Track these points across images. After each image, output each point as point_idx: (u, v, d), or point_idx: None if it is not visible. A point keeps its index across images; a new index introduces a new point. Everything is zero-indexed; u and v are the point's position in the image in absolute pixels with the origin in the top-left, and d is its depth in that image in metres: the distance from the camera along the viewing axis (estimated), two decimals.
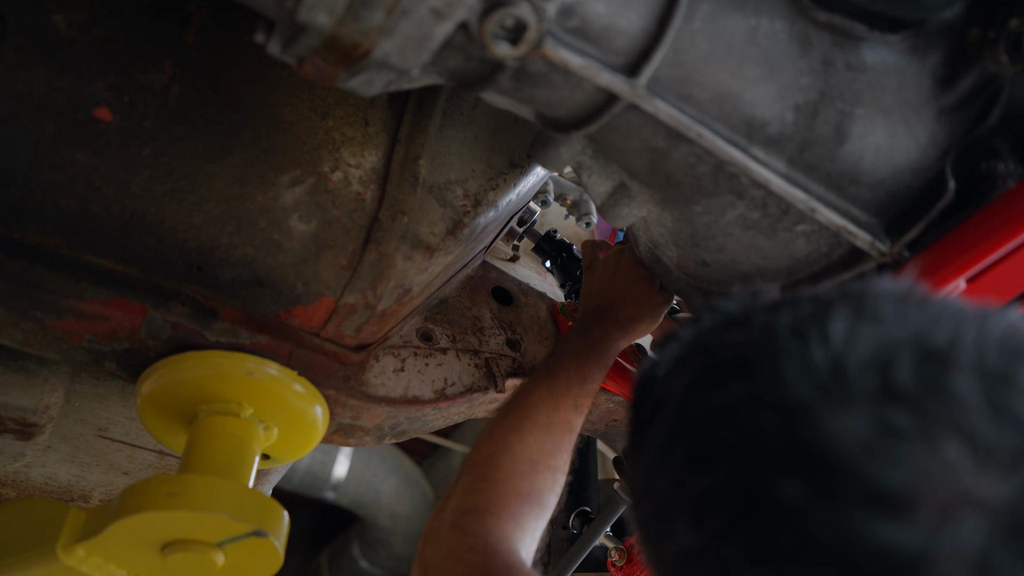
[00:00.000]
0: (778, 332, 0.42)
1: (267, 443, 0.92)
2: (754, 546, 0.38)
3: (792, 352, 0.40)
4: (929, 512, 0.35)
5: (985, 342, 0.38)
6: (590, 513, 1.33)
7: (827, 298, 0.43)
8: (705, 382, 0.44)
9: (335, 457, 3.19)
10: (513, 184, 0.93)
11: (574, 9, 0.55)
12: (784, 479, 0.38)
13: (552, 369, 0.93)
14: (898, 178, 0.67)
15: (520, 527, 0.77)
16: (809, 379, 0.39)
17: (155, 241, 0.79)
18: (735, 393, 0.42)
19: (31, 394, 0.98)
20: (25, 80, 0.69)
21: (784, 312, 0.43)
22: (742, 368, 0.43)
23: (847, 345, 0.39)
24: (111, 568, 0.80)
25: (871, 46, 0.63)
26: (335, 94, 0.80)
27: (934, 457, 0.36)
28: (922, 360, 0.38)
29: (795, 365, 0.40)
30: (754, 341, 0.43)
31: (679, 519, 0.42)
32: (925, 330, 0.39)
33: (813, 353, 0.40)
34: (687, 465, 0.42)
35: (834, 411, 0.38)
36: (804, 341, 0.40)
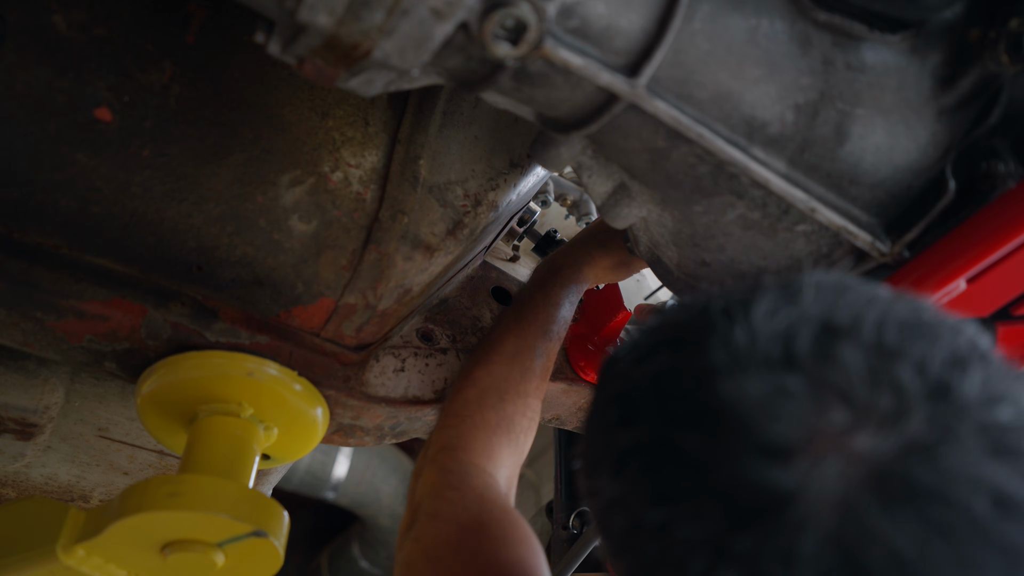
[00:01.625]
0: (710, 312, 0.47)
1: (267, 443, 0.92)
2: (656, 490, 0.44)
3: (718, 329, 0.45)
4: (806, 460, 0.40)
5: (886, 321, 0.43)
6: (590, 513, 1.33)
7: (763, 284, 0.48)
8: (643, 356, 0.49)
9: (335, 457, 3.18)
10: (513, 184, 0.93)
11: (574, 9, 0.55)
12: (688, 433, 0.43)
13: (518, 299, 0.97)
14: (898, 178, 0.67)
15: (492, 457, 0.83)
16: (725, 350, 0.44)
17: (155, 241, 0.79)
18: (663, 363, 0.47)
19: (31, 394, 0.98)
20: (25, 80, 0.69)
21: (721, 296, 0.48)
22: (673, 342, 0.48)
23: (764, 322, 0.44)
24: (111, 568, 0.80)
25: (871, 46, 0.63)
26: (335, 94, 0.80)
27: (819, 416, 0.40)
28: (820, 333, 0.43)
29: (717, 339, 0.45)
30: (688, 320, 0.49)
31: (604, 472, 0.47)
32: (832, 309, 0.44)
33: (735, 330, 0.45)
34: (615, 425, 0.48)
35: (738, 376, 0.43)
36: (730, 319, 0.45)
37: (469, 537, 0.72)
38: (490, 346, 0.93)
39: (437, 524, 0.74)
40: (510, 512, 0.77)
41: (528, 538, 0.75)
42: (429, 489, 0.79)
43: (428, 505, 0.77)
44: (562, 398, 1.14)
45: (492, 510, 0.76)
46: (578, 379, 1.12)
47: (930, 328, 0.43)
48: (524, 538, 0.74)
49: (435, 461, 0.82)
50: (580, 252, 1.02)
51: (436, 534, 0.73)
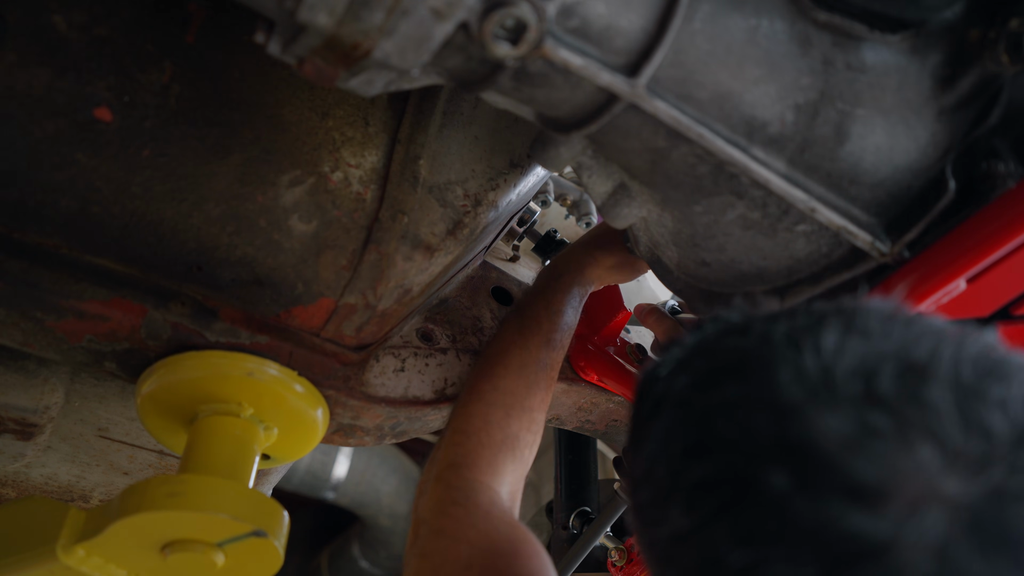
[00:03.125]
0: (774, 340, 0.46)
1: (267, 443, 0.92)
2: (739, 529, 0.42)
3: (786, 359, 0.45)
4: (899, 505, 0.39)
5: (961, 359, 0.43)
6: (590, 513, 1.33)
7: (821, 312, 0.47)
8: (705, 383, 0.48)
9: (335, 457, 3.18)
10: (513, 184, 0.93)
11: (574, 9, 0.55)
12: (771, 470, 0.42)
13: (520, 309, 0.97)
14: (898, 178, 0.67)
15: (497, 474, 0.83)
16: (800, 383, 0.43)
17: (155, 241, 0.79)
18: (732, 393, 0.46)
19: (31, 394, 0.98)
20: (25, 80, 0.69)
21: (781, 323, 0.48)
22: (739, 371, 0.47)
23: (836, 355, 0.43)
24: (111, 568, 0.80)
25: (871, 46, 0.63)
26: (335, 94, 0.80)
27: (907, 457, 0.40)
28: (902, 372, 0.42)
29: (788, 370, 0.44)
30: (752, 347, 0.48)
31: (674, 505, 0.46)
32: (908, 346, 0.44)
33: (805, 361, 0.44)
34: (683, 456, 0.46)
35: (821, 411, 0.42)
36: (798, 350, 0.45)
37: (480, 555, 0.72)
38: (494, 358, 0.92)
39: (444, 541, 0.74)
40: (517, 527, 0.77)
41: (538, 552, 0.75)
42: (434, 505, 0.79)
43: (433, 522, 0.77)
44: (562, 398, 1.14)
45: (499, 526, 0.76)
46: (578, 379, 1.12)
47: (1003, 367, 0.43)
48: (535, 553, 0.74)
49: (440, 479, 0.82)
50: (582, 255, 1.02)
51: (444, 551, 0.73)
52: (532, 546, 0.75)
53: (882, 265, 0.69)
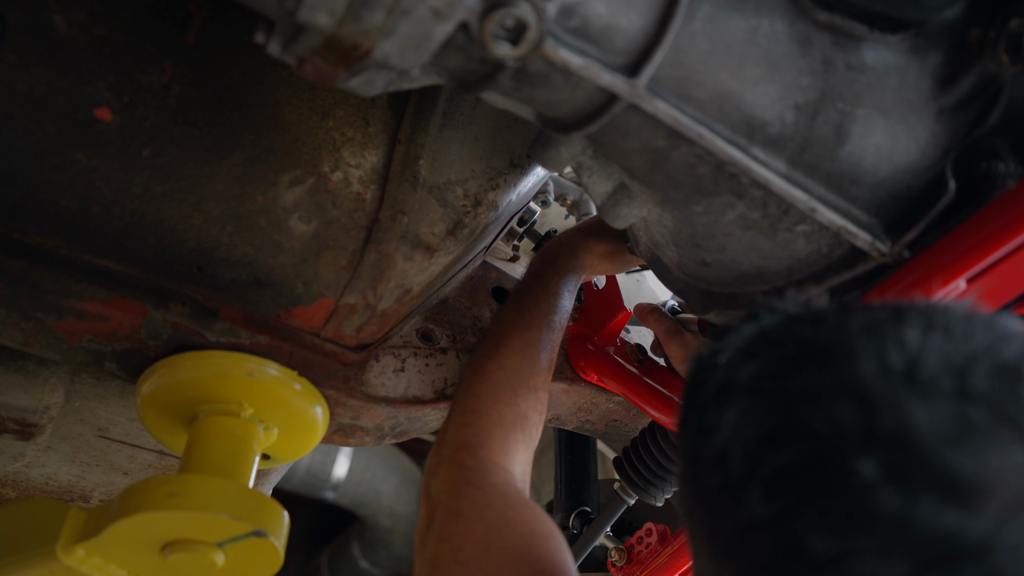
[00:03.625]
0: (852, 331, 0.46)
1: (267, 443, 0.92)
2: (826, 519, 0.41)
3: (868, 350, 0.44)
4: (998, 505, 0.38)
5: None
6: (590, 513, 1.33)
7: (897, 307, 0.47)
8: (780, 370, 0.47)
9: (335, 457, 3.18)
10: (513, 184, 0.93)
11: (574, 9, 0.55)
12: (861, 459, 0.40)
13: (518, 292, 0.97)
14: (898, 178, 0.67)
15: (509, 453, 0.83)
16: (886, 376, 0.42)
17: (155, 241, 0.79)
18: (812, 381, 0.45)
19: (31, 394, 0.98)
20: (25, 80, 0.69)
21: (856, 315, 0.47)
22: (818, 360, 0.46)
23: (921, 351, 0.43)
24: (111, 568, 0.80)
25: (871, 46, 0.63)
26: (335, 94, 0.80)
27: (1006, 454, 0.39)
28: (996, 370, 0.42)
29: (871, 362, 0.43)
30: (828, 337, 0.47)
31: (751, 492, 0.44)
32: (995, 346, 0.43)
33: (889, 353, 0.43)
34: (762, 443, 0.45)
35: (915, 402, 0.41)
36: (880, 342, 0.44)
37: (498, 536, 0.72)
38: (497, 339, 0.93)
39: (462, 523, 0.74)
40: (533, 507, 0.77)
41: (554, 532, 0.75)
42: (448, 487, 0.78)
43: (449, 504, 0.76)
44: (562, 398, 1.14)
45: (516, 507, 0.75)
46: (578, 379, 1.12)
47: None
48: (551, 533, 0.74)
49: (453, 459, 0.81)
50: (575, 239, 1.03)
51: (463, 534, 0.73)
52: (548, 526, 0.75)
53: (882, 265, 0.69)
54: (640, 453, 1.08)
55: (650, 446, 1.06)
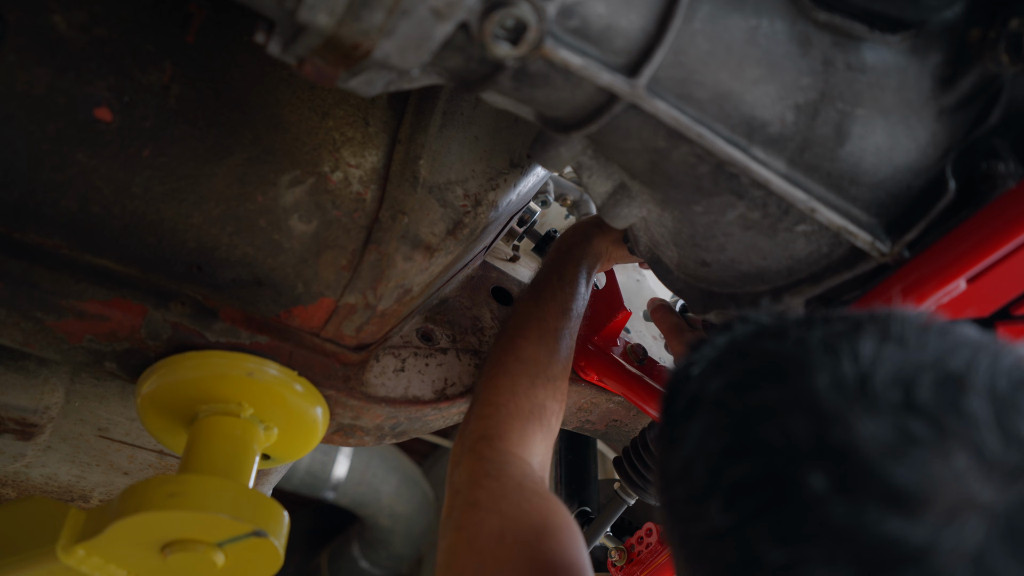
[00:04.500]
0: (811, 345, 0.47)
1: (267, 443, 0.92)
2: (778, 529, 0.43)
3: (824, 364, 0.45)
4: (937, 512, 0.40)
5: (997, 371, 0.44)
6: (590, 513, 1.33)
7: (856, 319, 0.48)
8: (742, 384, 0.49)
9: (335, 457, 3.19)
10: (513, 184, 0.93)
11: (574, 9, 0.55)
12: (811, 472, 0.42)
13: (534, 283, 0.98)
14: (898, 178, 0.67)
15: (527, 445, 0.84)
16: (838, 389, 0.44)
17: (155, 241, 0.79)
18: (770, 396, 0.47)
19: (31, 394, 0.98)
20: (25, 80, 0.69)
21: (817, 328, 0.49)
22: (777, 374, 0.48)
23: (874, 363, 0.44)
24: (111, 568, 0.80)
25: (871, 46, 0.63)
26: (335, 94, 0.80)
27: (946, 465, 0.40)
28: (941, 381, 0.43)
29: (826, 376, 0.45)
30: (788, 352, 0.48)
31: (711, 503, 0.46)
32: (944, 356, 0.44)
33: (843, 367, 0.45)
34: (722, 456, 0.47)
35: (861, 417, 0.42)
36: (835, 355, 0.45)
37: (513, 526, 0.73)
38: (515, 331, 0.94)
39: (479, 513, 0.75)
40: (549, 499, 0.78)
41: (568, 524, 0.76)
42: (467, 477, 0.80)
43: (468, 493, 0.78)
44: None
45: (532, 498, 0.77)
46: (578, 379, 1.12)
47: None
48: (565, 524, 0.75)
49: (473, 450, 0.83)
50: (589, 228, 1.04)
51: (479, 523, 0.74)
52: (563, 518, 0.76)
53: (882, 265, 0.69)
54: (640, 453, 1.08)
55: (650, 446, 1.06)
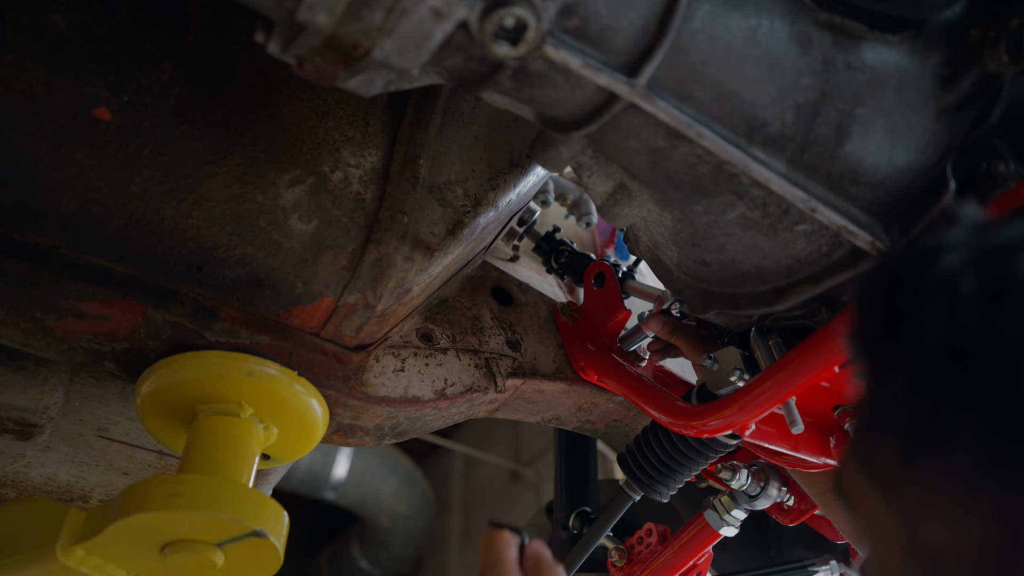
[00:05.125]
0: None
1: (267, 443, 0.92)
2: None
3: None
4: None
5: None
6: (590, 513, 1.33)
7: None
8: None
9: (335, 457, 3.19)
10: (513, 184, 0.93)
11: (574, 9, 0.55)
12: None
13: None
14: (898, 178, 0.67)
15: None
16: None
17: (155, 241, 0.79)
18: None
19: (31, 394, 0.98)
20: (25, 80, 0.69)
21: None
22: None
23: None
24: (111, 568, 0.80)
25: (871, 46, 0.63)
26: (335, 94, 0.80)
27: None
28: None
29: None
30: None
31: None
32: None
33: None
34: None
35: None
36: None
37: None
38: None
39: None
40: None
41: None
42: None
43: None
44: (562, 398, 1.14)
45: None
46: (578, 379, 1.12)
47: None
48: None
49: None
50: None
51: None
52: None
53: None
54: (643, 450, 1.08)
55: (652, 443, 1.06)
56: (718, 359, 0.87)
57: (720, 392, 0.86)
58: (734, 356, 0.85)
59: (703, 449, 1.01)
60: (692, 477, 1.08)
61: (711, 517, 1.12)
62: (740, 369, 0.84)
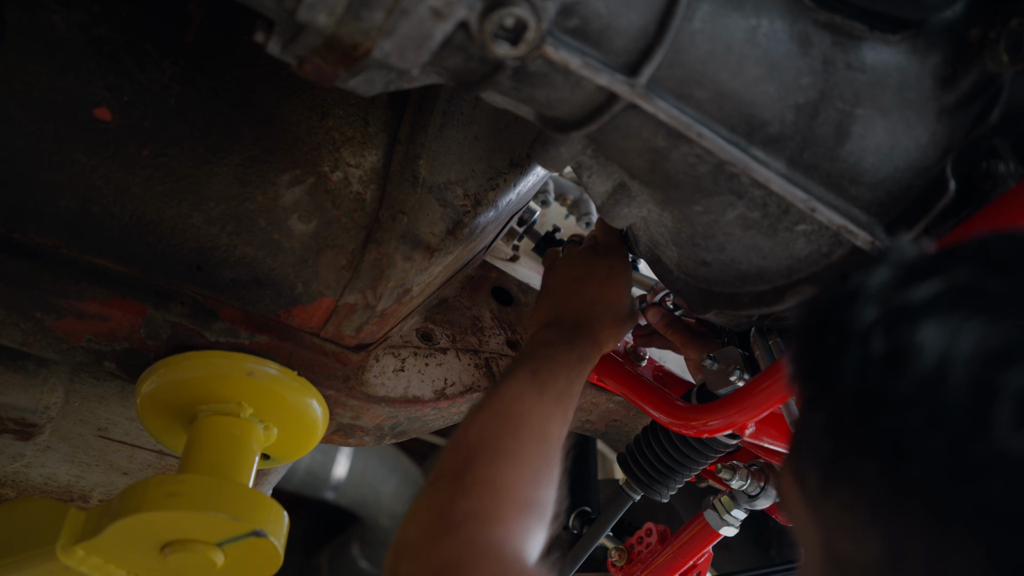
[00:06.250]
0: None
1: (267, 443, 0.92)
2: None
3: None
4: None
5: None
6: (590, 513, 1.33)
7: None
8: (985, 283, 0.41)
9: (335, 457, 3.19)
10: (513, 184, 0.93)
11: (574, 9, 0.55)
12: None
13: (540, 376, 0.83)
14: (898, 178, 0.67)
15: (530, 540, 0.70)
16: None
17: (155, 241, 0.79)
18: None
19: (31, 394, 0.98)
20: (24, 80, 0.69)
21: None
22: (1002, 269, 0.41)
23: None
24: (110, 568, 0.80)
25: (871, 46, 0.63)
26: (335, 94, 0.80)
27: None
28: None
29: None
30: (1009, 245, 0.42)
31: (994, 420, 0.37)
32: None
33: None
34: (993, 360, 0.38)
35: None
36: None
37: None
38: (519, 420, 0.79)
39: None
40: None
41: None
42: (442, 566, 0.63)
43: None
44: None
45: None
46: None
47: None
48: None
49: (456, 534, 0.66)
50: (595, 353, 0.90)
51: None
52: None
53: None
54: (643, 450, 1.08)
55: (652, 443, 1.06)
56: (718, 359, 0.87)
57: (720, 392, 0.86)
58: (734, 356, 0.85)
59: (703, 449, 1.01)
60: (692, 477, 1.08)
61: (711, 517, 1.12)
62: (740, 369, 0.84)
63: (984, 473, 0.37)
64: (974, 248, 0.44)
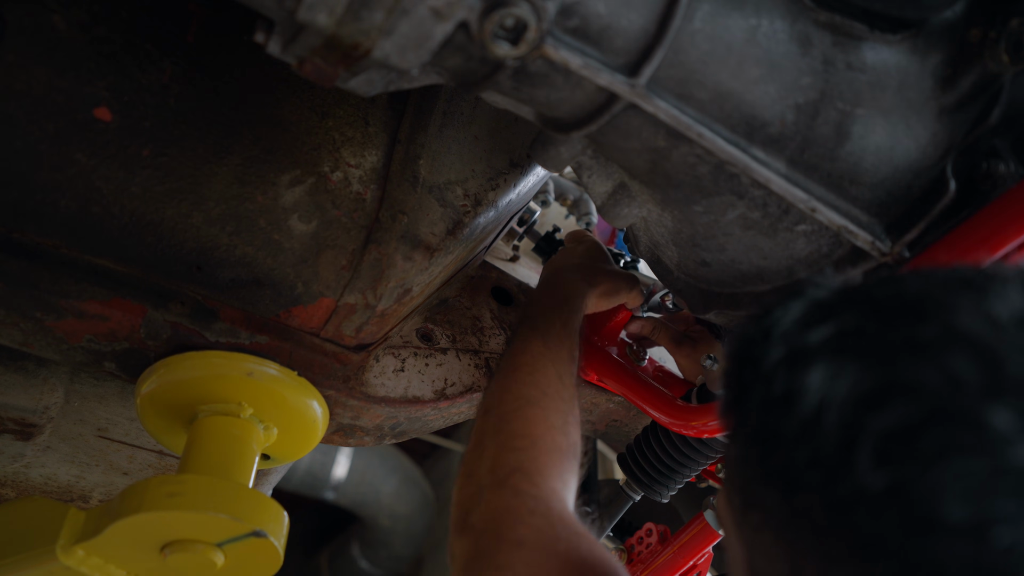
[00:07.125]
0: (941, 286, 0.43)
1: (267, 443, 0.92)
2: (961, 482, 0.37)
3: (967, 302, 0.41)
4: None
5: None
6: (590, 513, 1.33)
7: (992, 270, 0.45)
8: (866, 328, 0.44)
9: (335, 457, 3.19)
10: (513, 184, 0.93)
11: (574, 9, 0.55)
12: (991, 410, 0.37)
13: (536, 325, 0.91)
14: (898, 178, 0.67)
15: (566, 484, 0.76)
16: (994, 325, 0.40)
17: (155, 241, 0.79)
18: (911, 333, 0.41)
19: (31, 394, 0.98)
20: (24, 80, 0.69)
21: (937, 274, 0.45)
22: (912, 312, 0.43)
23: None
24: (110, 568, 0.80)
25: (872, 46, 0.63)
26: (335, 94, 0.80)
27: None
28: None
29: (973, 313, 0.41)
30: (915, 292, 0.44)
31: (857, 460, 0.40)
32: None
33: (992, 305, 0.41)
34: (860, 403, 0.41)
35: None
36: (977, 294, 0.42)
37: (573, 570, 0.65)
38: (534, 368, 0.85)
39: (527, 553, 0.66)
40: (596, 543, 0.70)
41: (617, 568, 0.68)
42: (500, 515, 0.70)
43: (507, 532, 0.68)
44: None
45: (583, 541, 0.68)
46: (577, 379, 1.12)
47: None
48: (616, 568, 0.68)
49: (506, 486, 0.72)
50: (581, 284, 0.98)
51: (530, 563, 0.65)
52: (613, 562, 0.68)
53: (882, 265, 0.69)
54: (643, 450, 1.08)
55: (652, 443, 1.06)
56: (718, 359, 0.87)
57: (720, 392, 0.86)
58: None
59: (703, 449, 1.01)
60: (692, 477, 1.08)
61: (711, 517, 1.12)
62: None
63: (852, 506, 0.40)
64: (864, 292, 0.47)
